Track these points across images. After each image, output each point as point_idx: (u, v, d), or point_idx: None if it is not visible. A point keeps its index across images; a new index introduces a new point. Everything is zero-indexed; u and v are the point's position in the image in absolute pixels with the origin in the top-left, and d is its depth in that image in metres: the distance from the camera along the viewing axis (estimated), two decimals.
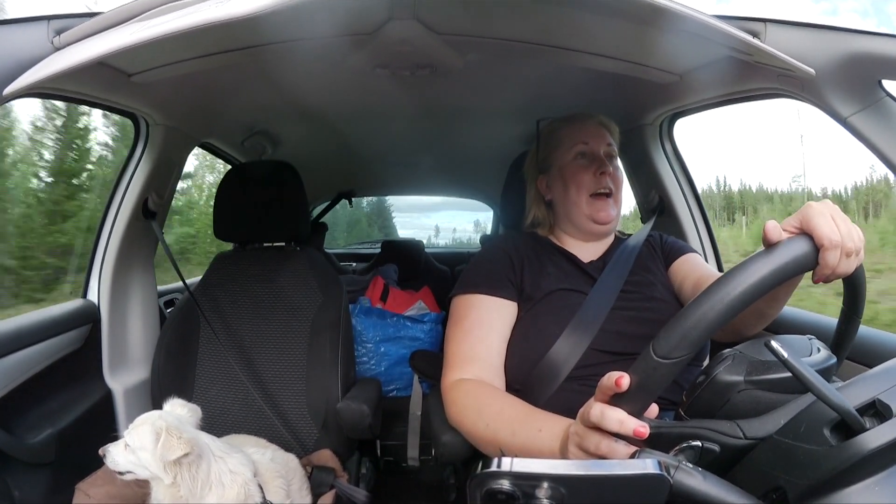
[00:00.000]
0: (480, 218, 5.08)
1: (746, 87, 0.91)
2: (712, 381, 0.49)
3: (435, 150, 1.90)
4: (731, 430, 0.46)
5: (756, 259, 0.45)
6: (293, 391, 1.17)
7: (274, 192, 1.23)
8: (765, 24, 0.74)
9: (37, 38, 0.67)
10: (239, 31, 0.77)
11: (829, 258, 0.47)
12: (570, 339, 0.79)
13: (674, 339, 0.44)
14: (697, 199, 1.31)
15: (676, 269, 0.91)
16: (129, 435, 0.79)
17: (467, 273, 0.91)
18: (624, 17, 0.73)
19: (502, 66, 1.03)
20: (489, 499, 0.39)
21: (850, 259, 0.48)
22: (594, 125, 0.94)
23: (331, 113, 1.40)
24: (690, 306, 0.45)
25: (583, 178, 0.89)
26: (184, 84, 0.97)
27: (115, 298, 1.18)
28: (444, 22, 0.81)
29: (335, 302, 1.22)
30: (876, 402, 0.39)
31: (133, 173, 1.17)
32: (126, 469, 0.80)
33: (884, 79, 0.71)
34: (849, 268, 0.49)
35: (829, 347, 0.57)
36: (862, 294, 0.54)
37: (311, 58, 0.92)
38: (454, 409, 0.77)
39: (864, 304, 0.55)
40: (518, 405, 0.71)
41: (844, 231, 0.47)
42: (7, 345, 0.88)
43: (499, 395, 0.75)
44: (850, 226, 0.48)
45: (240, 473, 0.83)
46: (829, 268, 0.47)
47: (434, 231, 3.89)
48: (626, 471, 0.39)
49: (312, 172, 1.65)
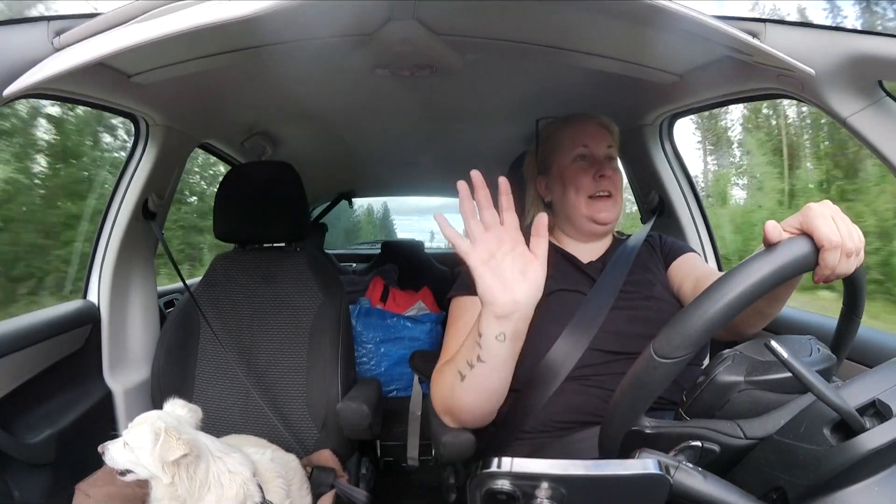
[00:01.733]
0: None
1: (746, 87, 0.91)
2: (712, 382, 0.49)
3: (435, 151, 1.90)
4: (731, 429, 0.46)
5: (756, 259, 0.45)
6: (293, 392, 1.17)
7: (274, 193, 1.23)
8: (764, 24, 0.74)
9: (37, 39, 0.68)
10: (239, 32, 0.77)
11: (829, 259, 0.47)
12: (570, 339, 0.79)
13: (675, 340, 0.44)
14: (697, 200, 1.31)
15: (676, 269, 0.91)
16: (128, 434, 0.79)
17: (466, 273, 0.91)
18: (624, 18, 0.73)
19: (502, 67, 1.03)
20: (489, 499, 0.39)
21: (850, 259, 0.49)
22: (594, 126, 0.94)
23: (331, 114, 1.40)
24: (691, 306, 0.45)
25: (582, 181, 0.89)
26: (184, 85, 0.97)
27: (116, 299, 1.18)
28: (444, 22, 0.81)
29: (335, 302, 1.22)
30: (876, 402, 0.39)
31: (133, 174, 1.17)
32: (124, 467, 0.80)
33: (883, 79, 0.71)
34: (849, 268, 0.49)
35: (828, 347, 0.57)
36: (862, 294, 0.54)
37: (311, 58, 0.92)
38: (435, 388, 0.77)
39: (864, 304, 0.55)
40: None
41: (845, 232, 0.47)
42: (7, 345, 0.88)
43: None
44: (851, 226, 0.49)
45: (238, 473, 0.83)
46: (829, 268, 0.48)
47: (430, 236, 3.92)
48: (627, 471, 0.39)
49: (312, 173, 1.65)
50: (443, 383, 0.74)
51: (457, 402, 0.71)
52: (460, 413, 0.74)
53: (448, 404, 0.74)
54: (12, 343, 0.90)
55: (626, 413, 0.48)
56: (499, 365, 0.65)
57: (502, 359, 0.64)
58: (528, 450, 0.79)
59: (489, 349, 0.63)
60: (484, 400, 0.70)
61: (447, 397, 0.73)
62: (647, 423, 0.48)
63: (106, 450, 0.81)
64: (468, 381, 0.67)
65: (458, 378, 0.68)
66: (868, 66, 0.69)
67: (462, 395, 0.69)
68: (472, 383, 0.67)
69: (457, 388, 0.69)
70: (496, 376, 0.66)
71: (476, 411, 0.72)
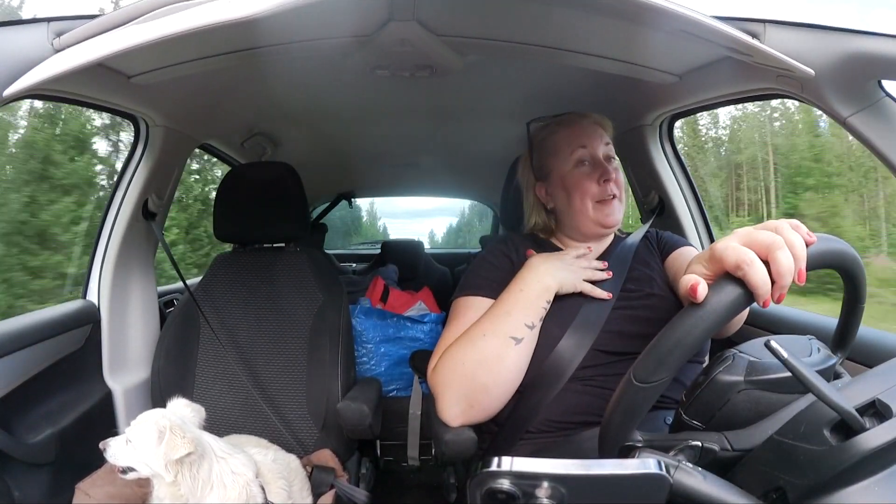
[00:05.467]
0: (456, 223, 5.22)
1: (746, 87, 0.91)
2: (712, 382, 0.49)
3: (435, 151, 1.90)
4: (718, 441, 0.47)
5: (719, 289, 0.44)
6: (293, 391, 1.17)
7: (274, 194, 1.23)
8: (764, 24, 0.74)
9: (36, 39, 0.68)
10: (239, 34, 0.77)
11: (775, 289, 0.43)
12: (573, 340, 0.79)
13: (650, 366, 0.45)
14: (697, 200, 1.31)
15: (671, 262, 0.90)
16: (131, 431, 0.79)
17: (469, 275, 0.91)
18: (624, 18, 0.74)
19: (502, 68, 1.03)
20: (489, 498, 0.39)
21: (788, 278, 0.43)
22: (589, 125, 0.93)
23: (331, 114, 1.40)
24: (664, 333, 0.45)
25: (587, 187, 0.88)
26: (184, 86, 0.97)
27: (115, 299, 1.18)
28: (444, 23, 0.81)
29: (335, 302, 1.22)
30: (876, 402, 0.39)
31: (133, 175, 1.17)
32: (126, 464, 0.80)
33: (883, 79, 0.71)
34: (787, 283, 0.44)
35: (830, 345, 0.57)
36: (860, 279, 0.51)
37: (311, 59, 0.92)
38: (456, 368, 0.77)
39: (865, 289, 0.53)
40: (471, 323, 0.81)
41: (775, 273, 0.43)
42: (7, 345, 0.88)
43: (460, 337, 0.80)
44: (782, 261, 0.43)
45: (241, 474, 0.83)
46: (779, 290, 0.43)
47: (425, 239, 3.93)
48: (627, 470, 0.39)
49: (312, 173, 1.66)
50: (475, 359, 0.75)
51: (505, 371, 0.75)
52: (496, 388, 0.76)
53: (482, 382, 0.75)
54: (12, 343, 0.90)
55: (617, 433, 0.48)
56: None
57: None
58: (531, 449, 0.79)
59: (545, 310, 0.78)
60: (527, 363, 0.78)
61: (489, 370, 0.75)
62: (638, 437, 0.49)
63: (108, 446, 0.81)
64: (526, 342, 0.76)
65: (512, 343, 0.75)
66: (868, 66, 0.69)
67: (515, 361, 0.76)
68: (529, 344, 0.76)
69: (510, 353, 0.75)
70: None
71: (515, 381, 0.77)
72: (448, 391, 0.77)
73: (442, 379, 0.78)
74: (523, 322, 0.75)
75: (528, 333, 0.76)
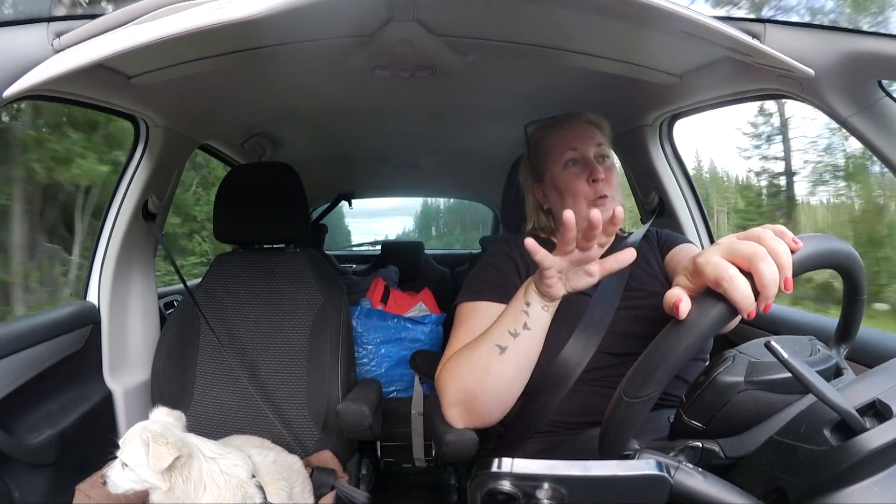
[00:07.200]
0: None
1: (746, 87, 0.91)
2: (712, 382, 0.49)
3: (435, 152, 1.90)
4: (711, 448, 0.47)
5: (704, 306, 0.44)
6: (294, 392, 1.17)
7: (274, 194, 1.23)
8: (764, 24, 0.74)
9: (36, 40, 0.68)
10: (239, 34, 0.77)
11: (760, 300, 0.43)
12: (579, 342, 0.79)
13: (637, 382, 0.45)
14: (697, 201, 1.31)
15: (670, 259, 0.90)
16: (122, 453, 0.79)
17: (472, 279, 0.90)
18: (624, 19, 0.73)
19: (502, 68, 1.03)
20: (490, 499, 0.39)
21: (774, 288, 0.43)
22: (581, 126, 0.92)
23: (331, 115, 1.40)
24: (650, 350, 0.46)
25: (578, 188, 0.87)
26: (184, 86, 0.97)
27: (116, 300, 1.18)
28: (444, 23, 0.81)
29: (335, 303, 1.22)
30: (876, 402, 0.39)
31: (133, 175, 1.17)
32: (127, 488, 0.80)
33: (883, 79, 0.72)
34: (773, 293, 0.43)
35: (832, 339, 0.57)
36: (857, 273, 0.51)
37: (311, 60, 0.92)
38: (451, 377, 0.76)
39: (864, 281, 0.52)
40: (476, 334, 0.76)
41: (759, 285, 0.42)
42: (7, 346, 0.88)
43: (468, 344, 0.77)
44: (765, 272, 0.42)
45: (233, 475, 0.82)
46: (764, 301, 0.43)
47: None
48: (627, 471, 0.39)
49: (312, 174, 1.65)
50: (467, 365, 0.74)
51: (491, 381, 0.72)
52: (485, 397, 0.73)
53: (472, 390, 0.73)
54: (13, 344, 0.90)
55: (613, 444, 0.49)
56: (540, 333, 0.70)
57: (544, 326, 0.70)
58: (538, 447, 0.79)
59: (536, 318, 0.69)
60: (524, 372, 0.73)
61: (476, 379, 0.73)
62: (636, 446, 0.49)
63: (107, 479, 0.80)
64: (510, 351, 0.70)
65: (497, 352, 0.70)
66: (868, 65, 0.69)
67: (500, 370, 0.71)
68: (515, 353, 0.70)
69: (494, 363, 0.71)
70: (536, 345, 0.71)
71: (506, 391, 0.74)
72: (445, 396, 0.77)
73: (441, 384, 0.78)
74: (506, 329, 0.70)
75: (511, 342, 0.70)
